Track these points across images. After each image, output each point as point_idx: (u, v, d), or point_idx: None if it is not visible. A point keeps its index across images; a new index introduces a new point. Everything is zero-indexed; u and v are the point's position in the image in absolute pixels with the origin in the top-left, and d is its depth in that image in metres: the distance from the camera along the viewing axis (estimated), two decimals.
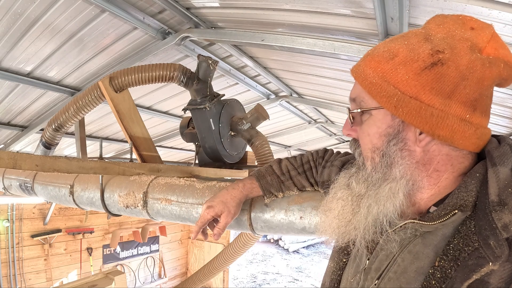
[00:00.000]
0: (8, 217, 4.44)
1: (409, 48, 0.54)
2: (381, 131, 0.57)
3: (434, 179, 0.56)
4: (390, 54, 0.55)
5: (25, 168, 1.06)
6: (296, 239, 11.01)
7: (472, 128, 0.52)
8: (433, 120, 0.52)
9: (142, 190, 1.29)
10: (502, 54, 0.54)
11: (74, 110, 1.77)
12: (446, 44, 0.53)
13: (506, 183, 0.49)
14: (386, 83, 0.54)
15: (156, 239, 6.62)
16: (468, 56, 0.51)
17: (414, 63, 0.53)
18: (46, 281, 4.83)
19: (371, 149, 0.59)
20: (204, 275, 2.78)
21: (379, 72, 0.55)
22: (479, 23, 0.56)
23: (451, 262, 0.49)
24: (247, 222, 1.04)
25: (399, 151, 0.56)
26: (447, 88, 0.51)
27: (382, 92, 0.54)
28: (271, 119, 2.08)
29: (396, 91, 0.53)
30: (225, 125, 1.81)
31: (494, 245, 0.46)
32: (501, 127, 2.63)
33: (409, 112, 0.52)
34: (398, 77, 0.53)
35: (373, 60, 0.57)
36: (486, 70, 0.51)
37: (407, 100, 0.52)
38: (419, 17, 1.40)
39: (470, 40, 0.53)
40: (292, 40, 1.78)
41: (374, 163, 0.59)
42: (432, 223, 0.53)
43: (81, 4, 1.66)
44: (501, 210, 0.47)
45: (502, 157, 0.52)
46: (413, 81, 0.52)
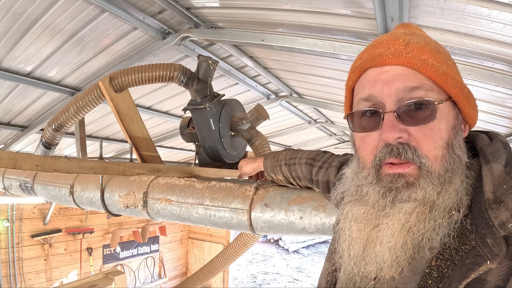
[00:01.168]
0: (8, 217, 4.44)
1: (434, 42, 0.57)
2: (450, 124, 0.53)
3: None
4: (432, 46, 0.56)
5: (25, 168, 1.06)
6: (296, 239, 11.01)
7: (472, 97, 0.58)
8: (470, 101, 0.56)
9: (142, 190, 1.29)
10: None
11: (74, 110, 1.77)
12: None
13: (500, 180, 0.48)
14: (454, 74, 0.54)
15: (156, 239, 6.62)
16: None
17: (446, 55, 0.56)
18: (46, 281, 4.83)
19: (442, 146, 0.52)
20: (204, 275, 2.78)
21: (443, 62, 0.54)
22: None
23: (447, 261, 0.49)
24: (247, 222, 1.04)
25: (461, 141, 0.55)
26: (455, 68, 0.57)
27: (456, 83, 0.54)
28: (271, 119, 2.08)
29: (460, 82, 0.54)
30: (225, 125, 1.81)
31: (492, 243, 0.45)
32: (501, 127, 2.63)
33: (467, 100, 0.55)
34: (452, 68, 0.55)
35: (426, 50, 0.54)
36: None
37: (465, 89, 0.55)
38: (419, 17, 1.40)
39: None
40: (292, 40, 1.78)
41: (445, 161, 0.52)
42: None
43: (81, 4, 1.66)
44: (497, 207, 0.46)
45: (495, 154, 0.51)
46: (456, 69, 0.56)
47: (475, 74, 1.63)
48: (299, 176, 0.97)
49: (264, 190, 1.05)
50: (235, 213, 1.06)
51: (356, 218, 0.57)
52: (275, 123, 4.18)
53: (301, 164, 0.95)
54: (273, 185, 1.08)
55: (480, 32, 1.37)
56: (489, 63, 1.59)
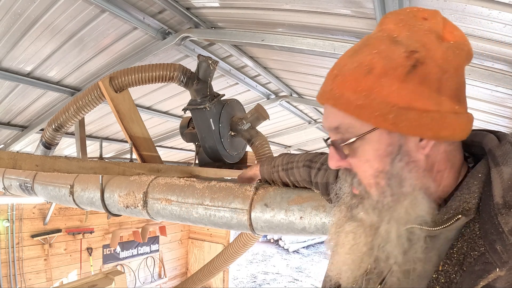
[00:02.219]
0: (8, 217, 4.43)
1: (383, 56, 0.50)
2: (381, 153, 0.52)
3: (438, 180, 0.54)
4: (364, 68, 0.50)
5: (25, 168, 1.06)
6: (296, 239, 11.00)
7: (465, 117, 0.52)
8: (434, 124, 0.49)
9: (142, 190, 1.29)
10: (458, 36, 0.52)
11: (74, 110, 1.77)
12: (416, 41, 0.50)
13: (510, 184, 0.46)
14: (374, 101, 0.49)
15: (156, 239, 6.62)
16: (440, 48, 0.49)
17: (395, 70, 0.49)
18: (46, 281, 4.83)
19: (373, 175, 0.54)
20: (204, 275, 2.78)
21: (362, 91, 0.50)
22: (428, 12, 0.53)
23: (455, 267, 0.48)
24: (247, 222, 1.04)
25: (406, 166, 0.52)
26: (433, 86, 0.48)
27: (375, 111, 0.49)
28: (271, 119, 2.08)
29: (388, 106, 0.49)
30: (225, 125, 1.81)
31: (501, 250, 0.44)
32: (501, 127, 2.63)
33: (409, 124, 0.49)
34: (384, 90, 0.49)
35: (347, 80, 0.51)
36: (458, 58, 0.50)
37: (404, 112, 0.48)
38: None
39: (433, 31, 0.51)
40: (292, 40, 1.79)
41: (380, 187, 0.54)
42: (435, 229, 0.51)
43: (81, 4, 1.66)
44: (507, 213, 0.44)
45: (505, 156, 0.49)
46: (402, 90, 0.48)
47: (475, 74, 1.63)
48: (297, 180, 0.97)
49: (264, 190, 1.05)
50: (235, 213, 1.06)
51: (334, 222, 0.64)
52: (275, 123, 4.18)
53: (299, 167, 0.95)
54: (272, 185, 1.08)
55: (480, 32, 1.37)
56: (489, 63, 1.59)
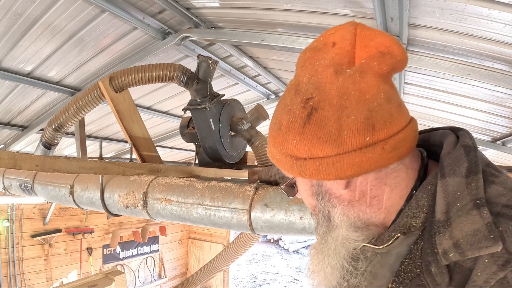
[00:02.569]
0: (8, 217, 4.43)
1: (287, 110, 0.52)
2: (308, 193, 0.60)
3: (376, 205, 0.54)
4: (278, 125, 0.54)
5: (25, 168, 1.06)
6: (296, 239, 11.00)
7: (378, 147, 0.47)
8: (334, 168, 0.49)
9: (142, 190, 1.29)
10: (374, 46, 0.49)
11: (74, 110, 1.77)
12: (312, 85, 0.50)
13: (457, 196, 0.44)
14: (284, 156, 0.53)
15: (156, 239, 6.62)
16: (335, 84, 0.48)
17: (294, 124, 0.50)
18: (46, 281, 4.83)
19: (312, 208, 0.63)
20: (204, 275, 2.78)
21: (277, 147, 0.54)
22: (340, 32, 0.52)
23: (400, 285, 0.48)
24: (247, 222, 1.04)
25: (328, 202, 0.57)
26: (332, 129, 0.47)
27: (286, 165, 0.54)
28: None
29: (292, 160, 0.52)
30: (225, 125, 1.81)
31: (435, 273, 0.44)
32: (501, 127, 2.62)
33: (311, 172, 0.51)
34: (289, 145, 0.52)
35: (271, 137, 0.56)
36: (360, 85, 0.47)
37: (303, 163, 0.51)
38: (419, 17, 1.40)
39: (333, 63, 0.49)
40: (292, 40, 1.79)
41: (318, 218, 0.62)
42: (381, 247, 0.52)
43: (81, 4, 1.66)
44: (444, 232, 0.43)
45: (453, 165, 0.47)
46: (301, 142, 0.50)
47: (475, 74, 1.63)
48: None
49: (264, 190, 1.05)
50: (235, 213, 1.06)
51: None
52: None
53: None
54: (272, 186, 1.08)
55: (480, 32, 1.37)
56: (489, 63, 1.59)
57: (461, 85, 1.96)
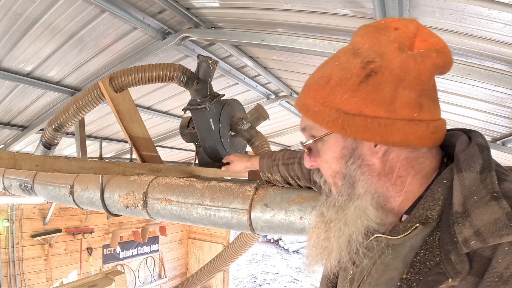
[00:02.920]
0: (8, 217, 4.43)
1: (341, 68, 0.54)
2: (336, 155, 0.57)
3: (399, 185, 0.55)
4: (324, 79, 0.55)
5: (25, 168, 1.06)
6: (296, 239, 11.00)
7: (424, 125, 0.51)
8: (382, 130, 0.51)
9: (142, 190, 1.29)
10: (432, 43, 0.53)
11: (74, 110, 1.77)
12: (374, 52, 0.52)
13: (473, 189, 0.46)
14: (327, 108, 0.53)
15: (156, 239, 6.62)
16: (399, 57, 0.51)
17: (349, 80, 0.52)
18: (46, 281, 4.83)
19: (331, 175, 0.60)
20: (204, 275, 2.78)
21: (319, 99, 0.54)
22: (402, 21, 0.55)
23: (416, 275, 0.49)
24: (247, 222, 1.04)
25: (358, 168, 0.56)
26: (387, 94, 0.50)
27: (326, 117, 0.54)
28: (271, 119, 2.08)
29: (338, 113, 0.53)
30: (225, 125, 1.81)
31: (455, 261, 0.45)
32: (501, 127, 2.63)
33: (357, 129, 0.52)
34: (337, 99, 0.53)
35: (311, 89, 0.56)
36: (420, 66, 0.51)
37: (351, 118, 0.52)
38: (419, 17, 1.40)
39: (397, 41, 0.52)
40: (292, 40, 1.79)
41: (337, 187, 0.60)
42: (397, 237, 0.53)
43: (81, 4, 1.66)
44: (463, 223, 0.45)
45: (469, 161, 0.49)
46: (352, 98, 0.51)
47: (475, 74, 1.63)
48: (297, 175, 0.97)
49: (264, 190, 1.05)
50: (235, 213, 1.06)
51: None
52: (275, 123, 4.18)
53: (301, 163, 0.95)
54: (272, 185, 1.08)
55: (480, 32, 1.37)
56: (489, 63, 1.59)
57: (461, 85, 1.96)
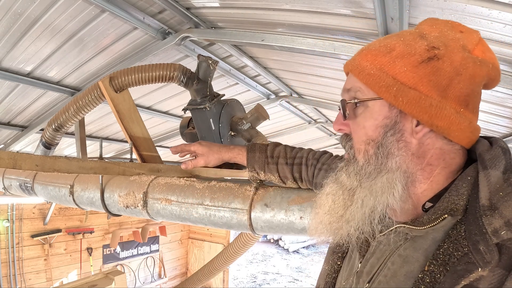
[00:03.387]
0: (8, 217, 4.44)
1: (406, 44, 0.55)
2: (377, 123, 0.56)
3: (427, 173, 0.55)
4: (387, 48, 0.56)
5: (25, 168, 1.06)
6: (296, 239, 11.01)
7: (467, 121, 0.53)
8: (432, 110, 0.52)
9: (142, 190, 1.29)
10: (489, 57, 0.56)
11: (74, 110, 1.77)
12: (440, 41, 0.54)
13: (497, 187, 0.48)
14: (384, 74, 0.54)
15: (156, 239, 6.62)
16: (461, 53, 0.53)
17: (412, 56, 0.54)
18: (46, 281, 4.83)
19: (365, 141, 0.58)
20: (204, 275, 2.78)
21: (377, 64, 0.55)
22: (467, 29, 0.58)
23: (440, 267, 0.49)
24: (247, 222, 1.04)
25: (396, 142, 0.55)
26: (443, 81, 0.52)
27: (381, 82, 0.54)
28: (271, 119, 2.08)
29: (395, 81, 0.53)
30: (225, 125, 1.81)
31: (484, 251, 0.45)
32: (501, 127, 2.63)
33: (408, 101, 0.53)
34: (396, 68, 0.54)
35: (370, 54, 0.57)
36: (477, 68, 0.53)
37: (407, 90, 0.53)
38: (419, 17, 1.40)
39: (462, 40, 0.55)
40: (292, 40, 1.78)
41: (367, 155, 0.58)
42: (422, 228, 0.52)
43: (81, 4, 1.66)
44: (492, 214, 0.46)
45: (494, 160, 0.51)
46: (411, 73, 0.53)
47: None
48: (302, 177, 0.96)
49: (264, 190, 1.05)
50: (235, 213, 1.06)
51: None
52: (275, 123, 4.18)
53: (308, 165, 0.95)
54: (272, 185, 1.08)
55: (480, 32, 1.37)
56: None
57: None
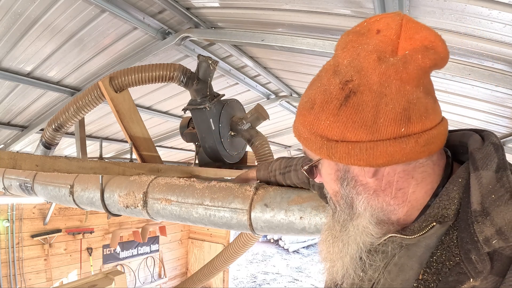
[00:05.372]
0: (8, 217, 4.43)
1: (322, 90, 0.52)
2: (332, 177, 0.58)
3: (400, 198, 0.54)
4: (310, 103, 0.54)
5: (25, 168, 1.06)
6: (296, 239, 11.01)
7: (412, 140, 0.48)
8: (364, 154, 0.49)
9: (142, 190, 1.29)
10: (419, 39, 0.48)
11: (74, 110, 1.77)
12: (352, 68, 0.49)
13: (489, 188, 0.46)
14: (313, 136, 0.53)
15: (156, 239, 6.62)
16: (377, 70, 0.47)
17: (330, 104, 0.50)
18: (46, 281, 4.83)
19: (333, 194, 0.61)
20: (204, 275, 2.78)
21: (307, 126, 0.54)
22: (385, 20, 0.51)
23: (433, 276, 0.48)
24: (247, 222, 1.04)
25: (353, 189, 0.56)
26: (368, 115, 0.47)
27: (314, 145, 0.53)
28: (271, 119, 2.08)
29: (323, 141, 0.52)
30: (225, 125, 1.81)
31: (476, 260, 0.44)
32: (501, 127, 2.63)
33: (341, 156, 0.51)
34: (321, 125, 0.52)
35: (301, 115, 0.56)
36: (402, 75, 0.47)
37: (335, 145, 0.51)
38: (419, 17, 1.40)
39: (376, 49, 0.48)
40: (292, 40, 1.78)
41: (339, 205, 0.60)
42: (412, 237, 0.51)
43: (81, 4, 1.66)
44: (483, 221, 0.44)
45: (485, 160, 0.48)
46: (335, 123, 0.50)
47: (475, 74, 1.63)
48: (294, 183, 0.99)
49: (264, 190, 1.05)
50: (235, 213, 1.06)
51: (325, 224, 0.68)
52: (275, 123, 4.18)
53: (297, 170, 0.96)
54: (272, 186, 1.08)
55: (480, 32, 1.37)
56: (489, 63, 1.59)
57: (461, 85, 1.96)
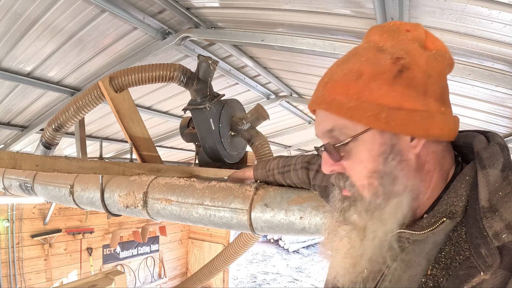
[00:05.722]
0: (8, 217, 4.43)
1: (370, 63, 0.52)
2: (374, 153, 0.53)
3: (428, 181, 0.54)
4: (353, 74, 0.52)
5: (25, 168, 1.06)
6: (296, 239, 11.01)
7: (451, 118, 0.54)
8: (424, 122, 0.51)
9: (142, 190, 1.29)
10: (440, 45, 0.56)
11: (74, 110, 1.77)
12: (400, 49, 0.53)
13: (496, 186, 0.47)
14: (366, 103, 0.51)
15: (156, 239, 6.62)
16: (423, 55, 0.53)
17: (383, 75, 0.51)
18: (46, 281, 4.83)
19: (366, 175, 0.54)
20: (204, 275, 2.78)
21: (353, 94, 0.52)
22: (410, 25, 0.57)
23: (443, 271, 0.48)
24: (247, 222, 1.04)
25: (398, 165, 0.53)
26: (420, 89, 0.51)
27: (366, 112, 0.51)
28: (271, 119, 2.08)
29: (380, 107, 0.51)
30: (225, 125, 1.81)
31: (486, 254, 0.44)
32: (501, 127, 2.63)
33: (401, 123, 0.50)
34: (374, 93, 0.51)
35: (338, 85, 0.54)
36: (439, 64, 0.53)
37: (394, 112, 0.50)
38: (419, 17, 1.40)
39: (416, 40, 0.54)
40: (292, 40, 1.79)
41: (373, 188, 0.55)
42: (421, 232, 0.51)
43: (81, 4, 1.66)
44: (492, 217, 0.45)
45: (492, 158, 0.50)
46: (390, 92, 0.51)
47: (475, 74, 1.63)
48: (294, 182, 0.98)
49: (264, 190, 1.05)
50: (235, 213, 1.06)
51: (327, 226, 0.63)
52: (275, 123, 4.18)
53: (296, 169, 0.96)
54: (272, 186, 1.08)
55: (480, 32, 1.37)
56: (489, 63, 1.60)
57: (461, 85, 1.96)
